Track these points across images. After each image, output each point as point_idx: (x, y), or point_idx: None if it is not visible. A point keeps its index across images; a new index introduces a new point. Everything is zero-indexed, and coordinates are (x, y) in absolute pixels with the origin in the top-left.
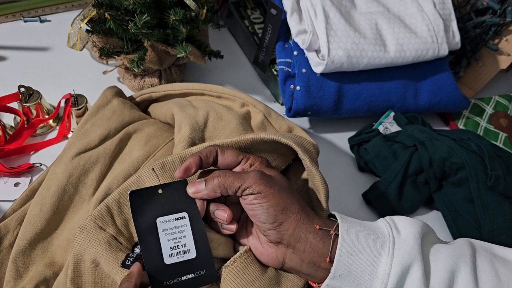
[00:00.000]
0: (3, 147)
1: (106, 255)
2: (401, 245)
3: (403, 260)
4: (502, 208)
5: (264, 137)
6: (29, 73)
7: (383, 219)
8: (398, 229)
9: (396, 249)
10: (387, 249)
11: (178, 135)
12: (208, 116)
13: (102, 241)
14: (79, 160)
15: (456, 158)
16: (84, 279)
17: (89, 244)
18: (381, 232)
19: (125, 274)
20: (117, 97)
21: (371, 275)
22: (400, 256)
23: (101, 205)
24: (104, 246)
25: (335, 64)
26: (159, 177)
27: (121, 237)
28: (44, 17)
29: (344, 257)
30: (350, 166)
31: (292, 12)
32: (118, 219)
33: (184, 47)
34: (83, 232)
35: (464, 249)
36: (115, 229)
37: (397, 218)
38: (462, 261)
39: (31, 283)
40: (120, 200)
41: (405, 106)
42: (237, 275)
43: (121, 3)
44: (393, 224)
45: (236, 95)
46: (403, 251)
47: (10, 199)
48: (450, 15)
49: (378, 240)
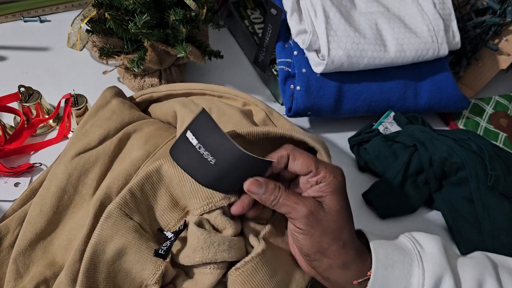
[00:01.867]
0: (3, 147)
1: (137, 244)
2: (428, 258)
3: (435, 272)
4: (502, 208)
5: (295, 135)
6: (29, 73)
7: (403, 235)
8: (420, 244)
9: (424, 261)
10: (416, 262)
11: (181, 129)
12: (210, 111)
13: (131, 229)
14: (79, 160)
15: (456, 158)
16: (98, 272)
17: (117, 232)
18: (405, 246)
19: (158, 263)
20: (117, 97)
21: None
22: (431, 268)
23: (125, 191)
24: (134, 235)
25: (335, 64)
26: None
27: (145, 224)
28: (44, 17)
29: (380, 271)
30: (350, 166)
31: (292, 12)
32: (141, 205)
33: (184, 47)
34: (109, 220)
35: (485, 262)
36: (140, 216)
37: (416, 233)
38: (487, 272)
39: (32, 283)
40: (144, 186)
41: (405, 106)
42: (247, 278)
43: (121, 3)
44: (414, 239)
45: (237, 95)
46: (433, 263)
47: (10, 199)
48: (450, 15)
49: (406, 253)
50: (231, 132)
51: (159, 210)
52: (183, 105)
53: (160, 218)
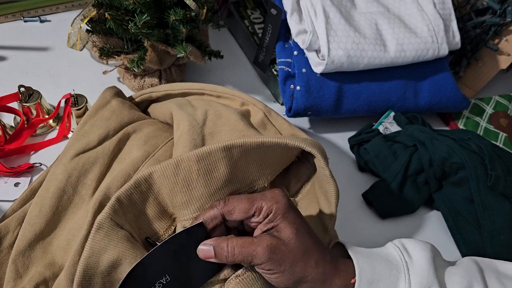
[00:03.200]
0: (3, 147)
1: (132, 254)
2: (416, 270)
3: (421, 285)
4: (502, 208)
5: (290, 143)
6: (29, 73)
7: (391, 243)
8: (408, 253)
9: (411, 274)
10: (403, 275)
11: (177, 132)
12: (207, 114)
13: (123, 239)
14: (78, 161)
15: (456, 158)
16: (92, 284)
17: (110, 243)
18: (393, 257)
19: None
20: (116, 97)
21: None
22: (418, 281)
23: (113, 201)
24: (127, 244)
25: (335, 64)
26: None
27: (134, 233)
28: (44, 17)
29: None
30: (350, 166)
31: (292, 12)
32: (129, 214)
33: (184, 47)
34: (100, 231)
35: (473, 269)
36: (129, 225)
37: (406, 241)
38: (475, 280)
39: (31, 284)
40: (132, 195)
41: (405, 106)
42: (246, 287)
43: (121, 3)
44: (403, 247)
45: (236, 95)
46: (420, 276)
47: (10, 199)
48: (450, 15)
49: (393, 266)
50: (226, 144)
51: (148, 219)
52: (179, 107)
53: (149, 227)
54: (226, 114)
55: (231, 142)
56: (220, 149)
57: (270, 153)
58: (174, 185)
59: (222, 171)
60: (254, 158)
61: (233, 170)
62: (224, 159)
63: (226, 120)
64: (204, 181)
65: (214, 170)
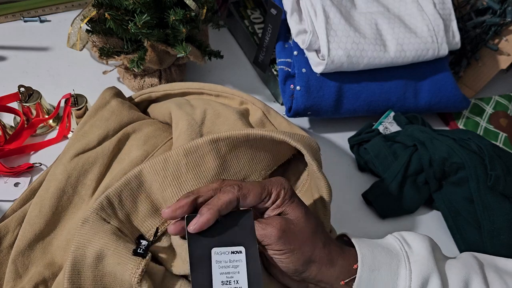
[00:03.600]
0: (3, 147)
1: (114, 245)
2: (416, 259)
3: (422, 272)
4: (502, 208)
5: (275, 136)
6: (29, 73)
7: (391, 235)
8: (408, 244)
9: (411, 262)
10: (403, 263)
11: (176, 132)
12: (205, 114)
13: (108, 232)
14: (78, 161)
15: (456, 158)
16: (83, 277)
17: (95, 236)
18: (393, 247)
19: (137, 261)
20: (116, 97)
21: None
22: (418, 269)
23: (102, 198)
24: (111, 237)
25: (335, 64)
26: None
27: (124, 229)
28: (44, 17)
29: (366, 274)
30: (350, 166)
31: (292, 12)
32: (119, 212)
33: (184, 47)
34: (86, 225)
35: (472, 262)
36: (118, 222)
37: (405, 233)
38: (473, 272)
39: (30, 284)
40: (122, 193)
41: (405, 106)
42: None
43: (121, 3)
44: (403, 239)
45: (235, 94)
46: (420, 263)
47: (10, 199)
48: (450, 15)
49: (393, 255)
50: (212, 137)
51: (140, 217)
52: (178, 107)
53: (141, 225)
54: (225, 114)
55: (217, 135)
56: (207, 142)
57: (260, 147)
58: (163, 179)
59: (211, 164)
60: (243, 152)
61: (223, 164)
62: (212, 152)
63: (225, 119)
64: (193, 174)
65: (202, 163)
